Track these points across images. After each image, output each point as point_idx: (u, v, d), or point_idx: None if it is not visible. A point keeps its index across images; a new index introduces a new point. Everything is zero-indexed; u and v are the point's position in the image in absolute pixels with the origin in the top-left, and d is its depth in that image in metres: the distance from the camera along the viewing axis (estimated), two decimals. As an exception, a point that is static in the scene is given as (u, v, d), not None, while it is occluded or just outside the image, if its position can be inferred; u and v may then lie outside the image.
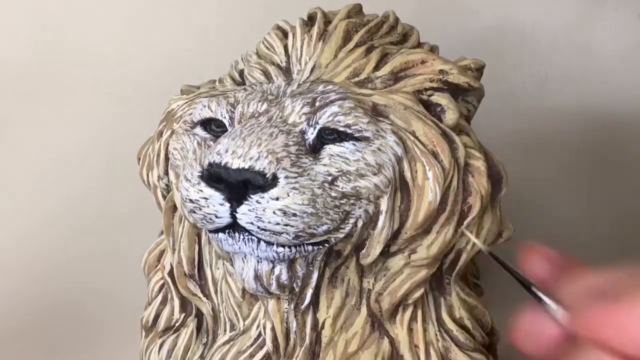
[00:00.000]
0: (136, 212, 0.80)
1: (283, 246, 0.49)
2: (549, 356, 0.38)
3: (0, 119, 0.89)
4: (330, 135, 0.50)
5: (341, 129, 0.49)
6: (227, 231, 0.49)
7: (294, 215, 0.47)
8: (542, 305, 0.38)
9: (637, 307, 0.34)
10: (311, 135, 0.50)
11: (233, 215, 0.48)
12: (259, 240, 0.49)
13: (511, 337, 0.39)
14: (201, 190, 0.48)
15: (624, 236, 0.91)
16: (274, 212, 0.47)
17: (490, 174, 0.53)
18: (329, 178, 0.49)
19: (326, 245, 0.51)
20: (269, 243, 0.49)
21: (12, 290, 0.90)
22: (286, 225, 0.47)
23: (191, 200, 0.49)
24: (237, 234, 0.49)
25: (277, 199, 0.47)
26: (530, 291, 0.39)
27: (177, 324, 0.60)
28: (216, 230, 0.49)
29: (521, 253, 0.42)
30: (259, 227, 0.47)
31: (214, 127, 0.54)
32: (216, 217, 0.48)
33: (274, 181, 0.47)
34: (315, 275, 0.53)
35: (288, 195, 0.47)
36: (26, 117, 0.89)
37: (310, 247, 0.50)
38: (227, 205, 0.48)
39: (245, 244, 0.49)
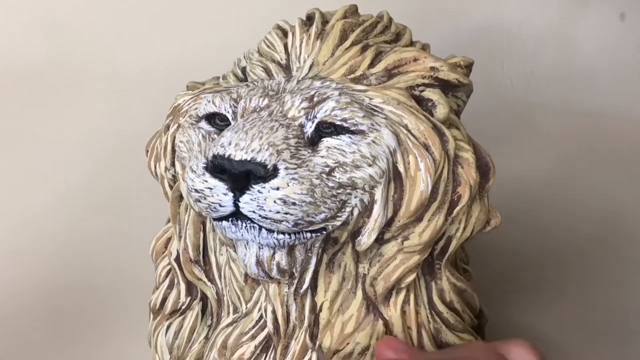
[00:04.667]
0: (144, 201, 0.81)
1: (283, 233, 0.49)
2: None
3: (17, 113, 0.89)
4: (327, 129, 0.50)
5: (338, 122, 0.50)
6: (230, 219, 0.49)
7: (294, 204, 0.47)
8: None
9: None
10: (309, 128, 0.50)
11: (236, 204, 0.48)
12: (260, 227, 0.49)
13: None
14: (206, 181, 0.48)
15: (609, 225, 0.91)
16: (274, 201, 0.47)
17: (478, 165, 0.53)
18: (327, 169, 0.49)
19: (324, 232, 0.51)
20: (269, 230, 0.49)
21: (26, 272, 0.90)
22: (286, 213, 0.47)
23: (196, 190, 0.49)
24: (239, 222, 0.49)
25: (278, 188, 0.47)
26: None
27: (183, 307, 0.60)
28: (220, 219, 0.50)
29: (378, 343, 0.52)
30: (260, 216, 0.48)
31: (217, 121, 0.54)
32: (220, 206, 0.48)
33: (274, 172, 0.47)
34: (313, 261, 0.53)
35: (288, 185, 0.47)
36: (42, 112, 0.89)
37: (308, 234, 0.50)
38: (230, 194, 0.48)
39: (248, 232, 0.49)
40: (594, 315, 0.92)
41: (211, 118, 0.54)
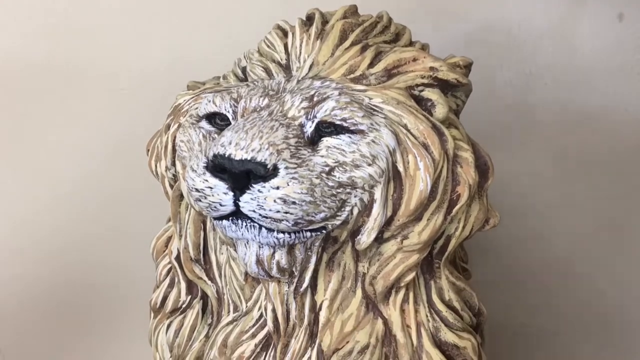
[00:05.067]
0: (145, 200, 0.81)
1: (283, 232, 0.49)
2: None
3: (19, 114, 0.89)
4: (327, 129, 0.50)
5: (338, 122, 0.50)
6: (230, 218, 0.49)
7: (294, 203, 0.47)
8: None
9: None
10: (309, 128, 0.50)
11: (236, 203, 0.48)
12: (260, 227, 0.49)
13: None
14: (206, 180, 0.48)
15: (609, 225, 0.91)
16: (274, 201, 0.47)
17: (477, 164, 0.53)
18: (327, 168, 0.49)
19: (324, 231, 0.51)
20: (269, 230, 0.49)
21: (27, 272, 0.90)
22: (286, 212, 0.47)
23: (197, 190, 0.49)
24: (240, 221, 0.49)
25: (278, 188, 0.47)
26: None
27: (183, 306, 0.60)
28: (220, 218, 0.50)
29: None
30: (260, 215, 0.48)
31: (218, 120, 0.54)
32: (220, 205, 0.48)
33: (274, 171, 0.47)
34: (313, 260, 0.53)
35: (288, 185, 0.47)
36: (44, 113, 0.89)
37: (308, 234, 0.50)
38: (231, 194, 0.48)
39: (248, 231, 0.49)
40: (594, 314, 0.92)
41: (211, 118, 0.54)
